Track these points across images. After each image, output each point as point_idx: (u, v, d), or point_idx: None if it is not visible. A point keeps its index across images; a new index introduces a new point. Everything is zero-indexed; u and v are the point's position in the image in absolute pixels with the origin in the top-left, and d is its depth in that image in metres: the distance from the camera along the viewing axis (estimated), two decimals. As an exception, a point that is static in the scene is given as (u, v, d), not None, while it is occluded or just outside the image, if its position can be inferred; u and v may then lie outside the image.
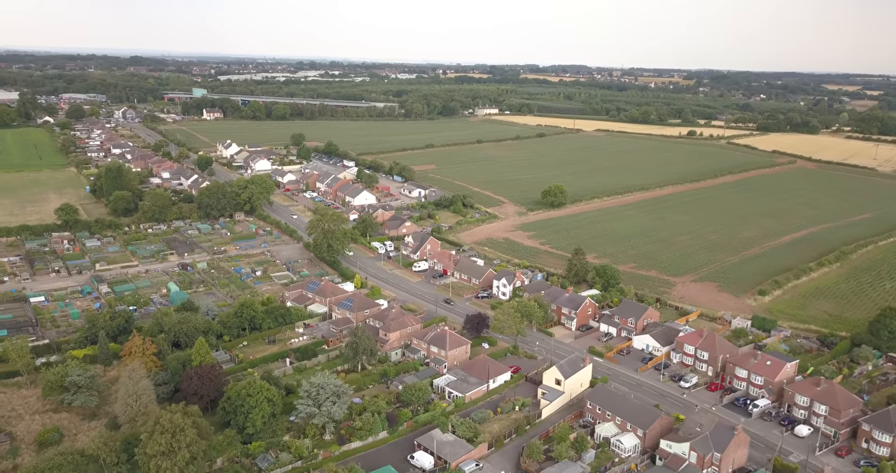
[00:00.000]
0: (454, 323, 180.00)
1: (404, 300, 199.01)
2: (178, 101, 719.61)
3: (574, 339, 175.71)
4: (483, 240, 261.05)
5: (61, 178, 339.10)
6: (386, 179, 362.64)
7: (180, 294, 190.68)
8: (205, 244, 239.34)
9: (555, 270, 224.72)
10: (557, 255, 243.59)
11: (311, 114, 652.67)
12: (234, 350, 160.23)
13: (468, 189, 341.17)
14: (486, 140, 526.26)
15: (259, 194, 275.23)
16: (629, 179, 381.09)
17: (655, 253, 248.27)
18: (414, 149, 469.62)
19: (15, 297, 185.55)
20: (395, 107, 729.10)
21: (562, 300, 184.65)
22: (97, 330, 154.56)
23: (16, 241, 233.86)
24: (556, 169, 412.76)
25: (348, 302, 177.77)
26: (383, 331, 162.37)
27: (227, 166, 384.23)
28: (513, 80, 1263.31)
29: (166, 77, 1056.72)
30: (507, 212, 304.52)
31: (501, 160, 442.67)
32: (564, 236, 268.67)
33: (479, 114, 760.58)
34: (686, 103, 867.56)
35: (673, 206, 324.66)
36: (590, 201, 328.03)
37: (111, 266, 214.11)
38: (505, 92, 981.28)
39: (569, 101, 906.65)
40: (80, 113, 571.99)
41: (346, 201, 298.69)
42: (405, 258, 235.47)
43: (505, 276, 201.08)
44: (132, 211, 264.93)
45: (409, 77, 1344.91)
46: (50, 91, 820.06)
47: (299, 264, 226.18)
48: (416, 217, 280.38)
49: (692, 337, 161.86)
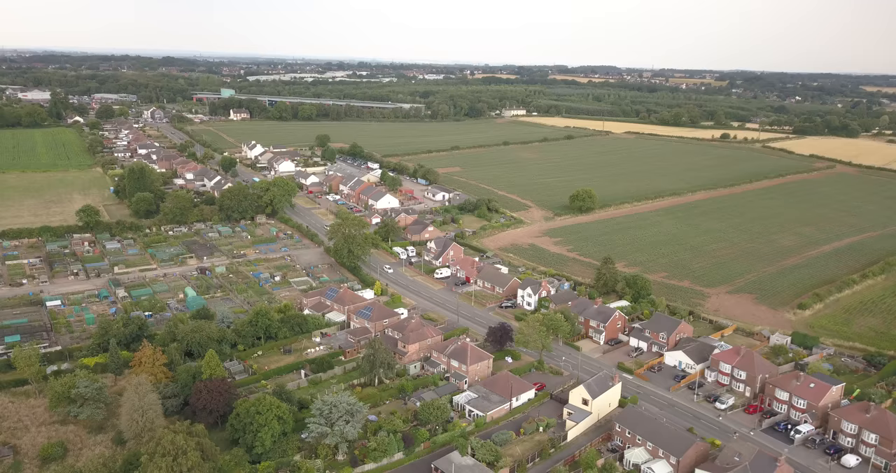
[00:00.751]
0: (476, 335, 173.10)
1: (425, 308, 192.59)
2: (206, 102, 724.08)
3: (602, 354, 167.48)
4: (508, 246, 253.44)
5: (87, 179, 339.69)
6: (410, 182, 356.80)
7: (197, 299, 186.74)
8: (224, 247, 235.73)
9: (582, 279, 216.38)
10: (585, 263, 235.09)
11: (336, 115, 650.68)
12: (249, 360, 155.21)
13: (493, 192, 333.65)
14: (512, 142, 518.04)
15: (281, 197, 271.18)
16: (660, 184, 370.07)
17: (688, 262, 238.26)
18: (439, 151, 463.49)
19: (32, 301, 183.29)
20: (422, 108, 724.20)
21: (590, 312, 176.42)
22: (109, 337, 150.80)
23: (37, 243, 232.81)
24: (584, 172, 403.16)
25: (367, 310, 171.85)
26: (402, 343, 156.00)
27: (252, 167, 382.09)
28: (541, 81, 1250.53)
29: (196, 77, 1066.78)
30: (533, 216, 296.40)
31: (528, 163, 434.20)
32: (592, 243, 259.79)
33: (507, 116, 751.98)
34: (718, 105, 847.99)
35: (706, 212, 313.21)
36: (619, 206, 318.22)
37: (130, 269, 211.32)
38: (533, 93, 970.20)
39: (598, 103, 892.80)
40: (109, 113, 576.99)
41: (369, 204, 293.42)
42: (427, 264, 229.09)
43: (530, 286, 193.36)
44: (154, 212, 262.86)
45: (436, 78, 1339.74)
46: (83, 91, 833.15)
47: (319, 269, 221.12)
48: (439, 221, 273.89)
49: (729, 355, 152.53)
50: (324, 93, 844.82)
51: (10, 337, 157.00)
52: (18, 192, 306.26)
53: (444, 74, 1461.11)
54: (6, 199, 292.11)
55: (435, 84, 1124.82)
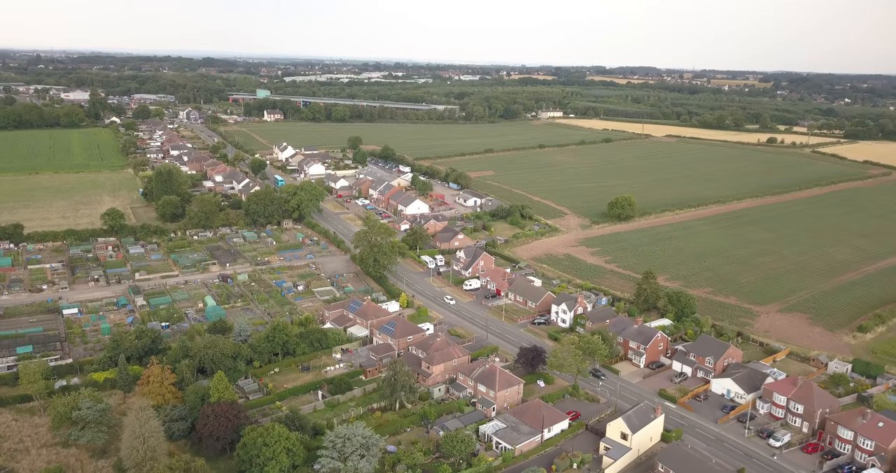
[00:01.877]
0: (506, 354, 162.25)
1: (452, 323, 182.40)
2: (241, 102, 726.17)
3: (642, 378, 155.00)
4: (542, 256, 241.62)
5: (118, 180, 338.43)
6: (441, 186, 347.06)
7: (216, 309, 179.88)
8: (248, 253, 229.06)
9: (621, 294, 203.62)
10: (624, 276, 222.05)
11: (370, 117, 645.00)
12: (265, 377, 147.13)
13: (528, 198, 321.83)
14: (548, 145, 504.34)
15: (308, 201, 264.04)
16: (703, 190, 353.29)
17: (734, 277, 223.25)
18: (472, 154, 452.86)
19: (49, 308, 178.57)
20: (456, 109, 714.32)
21: (629, 332, 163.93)
22: (121, 351, 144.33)
23: (62, 246, 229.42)
24: (623, 177, 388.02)
25: (390, 326, 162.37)
26: (426, 363, 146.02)
27: (282, 169, 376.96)
28: (578, 82, 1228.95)
29: (233, 78, 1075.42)
30: (569, 224, 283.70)
31: (564, 167, 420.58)
32: (632, 254, 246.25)
33: (542, 118, 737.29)
34: (763, 107, 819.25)
35: (753, 222, 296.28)
36: (660, 214, 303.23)
37: (151, 275, 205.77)
38: (570, 94, 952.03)
39: (637, 105, 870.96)
40: (145, 113, 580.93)
41: (398, 210, 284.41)
42: (456, 274, 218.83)
43: (565, 301, 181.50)
44: (180, 216, 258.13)
45: (472, 78, 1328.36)
46: (123, 91, 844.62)
47: (344, 278, 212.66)
48: (469, 229, 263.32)
49: (784, 385, 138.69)
50: (358, 94, 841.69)
51: (23, 348, 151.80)
52: (49, 193, 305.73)
53: (479, 75, 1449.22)
54: (36, 200, 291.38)
55: (470, 85, 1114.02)
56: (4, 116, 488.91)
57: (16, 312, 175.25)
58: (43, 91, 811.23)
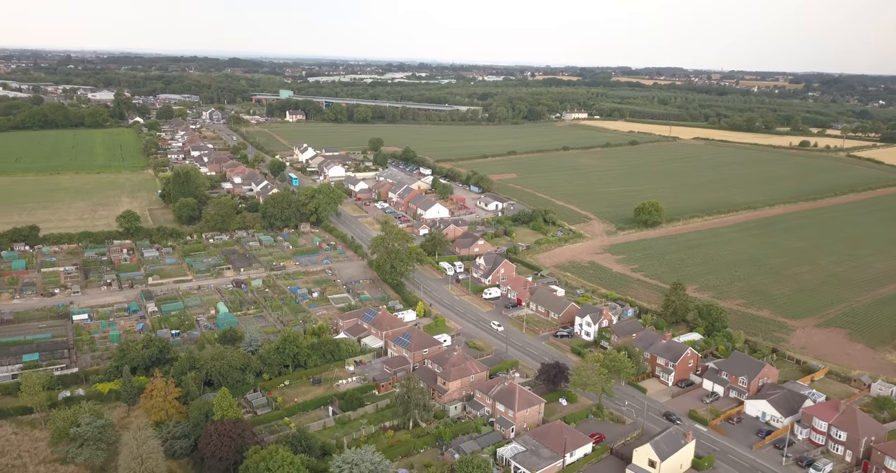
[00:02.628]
0: (527, 369, 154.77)
1: (470, 334, 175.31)
2: (264, 103, 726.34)
3: (671, 398, 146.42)
4: (565, 264, 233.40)
5: (137, 181, 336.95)
6: (462, 189, 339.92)
7: (228, 316, 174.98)
8: (264, 258, 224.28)
9: (648, 305, 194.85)
10: (651, 285, 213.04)
11: (392, 118, 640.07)
12: (275, 390, 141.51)
13: (551, 202, 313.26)
14: (573, 147, 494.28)
15: (326, 205, 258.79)
16: (733, 196, 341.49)
17: (768, 288, 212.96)
18: (495, 156, 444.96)
19: (59, 313, 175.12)
20: (479, 110, 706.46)
21: (657, 348, 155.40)
22: (127, 361, 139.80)
23: (77, 249, 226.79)
24: (649, 181, 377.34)
25: (406, 337, 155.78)
26: (442, 379, 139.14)
27: (302, 171, 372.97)
28: (603, 83, 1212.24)
29: (258, 78, 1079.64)
30: (593, 230, 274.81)
31: (589, 170, 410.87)
32: (659, 262, 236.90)
33: (567, 119, 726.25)
34: (795, 109, 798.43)
35: (786, 229, 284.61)
36: (688, 220, 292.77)
37: (164, 280, 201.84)
38: (595, 95, 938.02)
39: (663, 106, 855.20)
40: (169, 113, 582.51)
41: (418, 214, 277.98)
42: (475, 282, 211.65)
43: (590, 313, 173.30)
44: (196, 218, 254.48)
45: (495, 79, 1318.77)
46: (148, 91, 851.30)
47: (360, 285, 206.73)
48: (490, 234, 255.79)
49: (824, 410, 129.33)
50: (381, 95, 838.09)
51: (29, 356, 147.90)
52: (69, 194, 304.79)
53: (503, 75, 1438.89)
54: (56, 201, 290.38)
55: (494, 85, 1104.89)
56: (31, 116, 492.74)
57: (26, 317, 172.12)
58: (71, 91, 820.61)
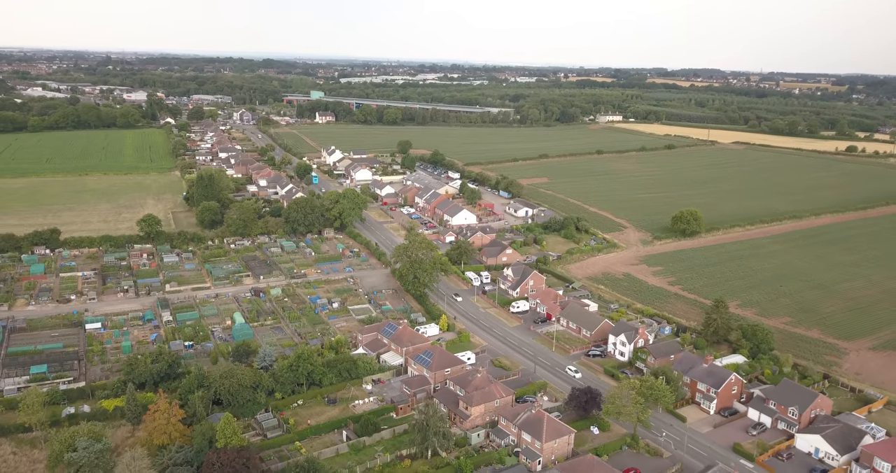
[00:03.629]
0: (556, 392, 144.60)
1: (496, 351, 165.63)
2: (295, 104, 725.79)
3: (713, 428, 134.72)
4: (598, 275, 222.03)
5: (164, 183, 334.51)
6: (491, 194, 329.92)
7: (244, 328, 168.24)
8: (285, 265, 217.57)
9: (687, 322, 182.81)
10: (690, 301, 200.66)
11: (422, 120, 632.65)
12: (287, 410, 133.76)
13: (584, 209, 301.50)
14: (607, 151, 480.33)
15: (350, 210, 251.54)
16: (776, 204, 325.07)
17: (816, 305, 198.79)
18: (526, 160, 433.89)
19: (73, 321, 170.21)
20: (510, 112, 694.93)
21: (698, 372, 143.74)
22: (135, 376, 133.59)
23: (97, 253, 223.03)
24: (687, 188, 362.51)
25: (427, 355, 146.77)
26: (464, 403, 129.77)
27: (329, 174, 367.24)
28: (638, 85, 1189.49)
29: (290, 79, 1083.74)
30: (628, 239, 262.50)
31: (624, 175, 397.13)
32: (698, 275, 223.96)
33: (601, 122, 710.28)
34: (839, 112, 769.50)
35: (834, 241, 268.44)
36: (729, 230, 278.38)
37: (182, 287, 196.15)
38: (630, 97, 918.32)
39: (701, 109, 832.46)
40: (200, 114, 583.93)
41: (444, 220, 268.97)
42: (502, 293, 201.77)
43: (624, 332, 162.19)
44: (219, 223, 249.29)
45: (528, 80, 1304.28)
46: (182, 92, 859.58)
47: (382, 295, 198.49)
48: (519, 242, 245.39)
49: (888, 449, 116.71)
50: (412, 96, 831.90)
51: (37, 367, 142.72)
52: (95, 196, 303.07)
53: (536, 77, 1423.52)
54: (81, 203, 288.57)
55: (526, 87, 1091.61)
56: (64, 116, 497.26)
57: (39, 325, 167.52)
58: (107, 91, 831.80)
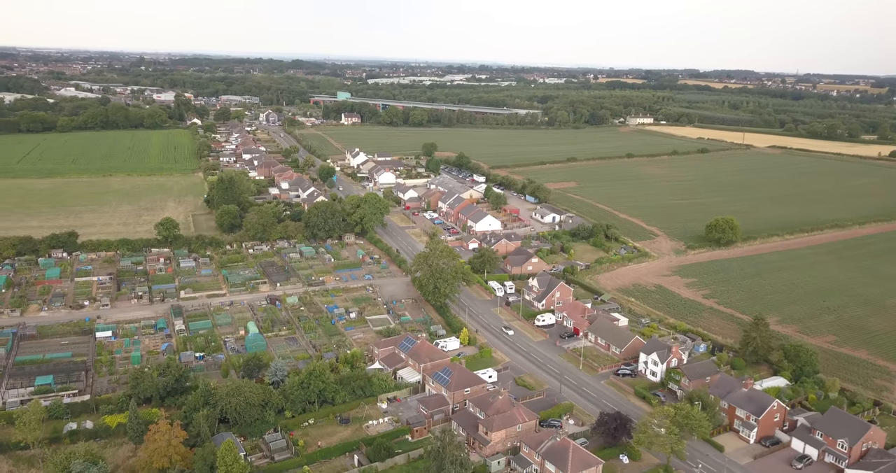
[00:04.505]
0: (583, 415, 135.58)
1: (519, 368, 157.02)
2: (321, 105, 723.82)
3: (753, 459, 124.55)
4: (628, 287, 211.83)
5: (186, 184, 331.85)
6: (517, 199, 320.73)
7: (257, 338, 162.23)
8: (303, 272, 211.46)
9: (723, 340, 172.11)
10: (726, 315, 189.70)
11: (448, 121, 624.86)
12: (297, 430, 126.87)
13: (613, 215, 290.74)
14: (637, 154, 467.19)
15: (372, 215, 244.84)
16: (816, 212, 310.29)
17: (863, 323, 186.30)
18: (553, 163, 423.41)
19: (84, 329, 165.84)
20: (538, 114, 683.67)
21: (737, 397, 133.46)
22: (140, 390, 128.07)
23: (114, 257, 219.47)
24: (722, 194, 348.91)
25: (446, 373, 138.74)
26: (484, 428, 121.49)
27: (352, 177, 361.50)
28: (670, 86, 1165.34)
29: (318, 80, 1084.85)
30: (660, 248, 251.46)
31: (655, 180, 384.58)
32: (735, 287, 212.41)
33: (631, 124, 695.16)
34: (880, 115, 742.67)
35: (881, 252, 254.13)
36: (766, 239, 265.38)
37: (197, 294, 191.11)
38: (661, 99, 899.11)
39: (735, 111, 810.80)
40: (226, 115, 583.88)
41: (468, 226, 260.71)
42: (527, 305, 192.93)
43: (656, 351, 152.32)
44: (238, 227, 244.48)
45: (557, 81, 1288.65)
46: (211, 92, 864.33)
47: (402, 305, 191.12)
48: (545, 250, 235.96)
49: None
50: (439, 98, 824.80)
51: (43, 378, 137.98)
52: (118, 197, 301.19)
53: (565, 78, 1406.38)
54: (103, 205, 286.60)
55: (555, 88, 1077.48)
56: (93, 117, 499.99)
57: (49, 332, 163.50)
58: (138, 91, 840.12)
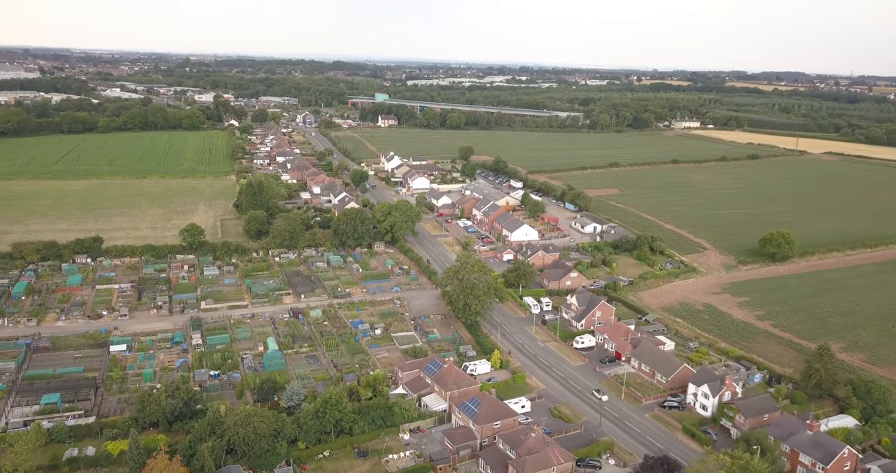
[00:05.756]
0: (624, 454, 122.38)
1: (555, 397, 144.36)
2: (359, 106, 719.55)
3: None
4: (675, 306, 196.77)
5: (218, 188, 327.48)
6: (555, 206, 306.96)
7: (276, 355, 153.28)
8: (329, 282, 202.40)
9: (780, 369, 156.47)
10: (783, 340, 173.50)
11: (486, 124, 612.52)
12: (311, 462, 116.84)
13: (658, 226, 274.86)
14: (683, 160, 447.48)
15: (403, 223, 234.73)
16: (880, 225, 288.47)
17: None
18: (595, 168, 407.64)
19: (99, 341, 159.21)
20: (580, 117, 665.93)
21: (801, 441, 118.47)
22: (146, 414, 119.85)
23: (138, 263, 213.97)
24: (775, 204, 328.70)
25: (474, 404, 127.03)
26: (514, 469, 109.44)
27: (385, 181, 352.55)
28: (717, 88, 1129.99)
29: (357, 81, 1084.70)
30: (709, 263, 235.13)
31: (703, 188, 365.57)
32: (792, 308, 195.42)
33: (677, 128, 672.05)
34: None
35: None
36: (826, 255, 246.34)
37: (218, 304, 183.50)
38: (707, 101, 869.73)
39: (786, 115, 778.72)
40: (264, 116, 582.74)
41: (503, 235, 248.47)
42: (565, 324, 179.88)
43: (708, 382, 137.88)
44: (266, 233, 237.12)
45: (599, 83, 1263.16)
46: (252, 94, 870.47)
47: (430, 321, 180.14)
48: (585, 263, 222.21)
49: None
50: (477, 100, 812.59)
51: (49, 397, 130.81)
52: (149, 200, 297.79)
53: (608, 80, 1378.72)
54: (133, 208, 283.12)
55: (597, 90, 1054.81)
56: (132, 117, 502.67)
57: (63, 344, 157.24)
58: (181, 92, 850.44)
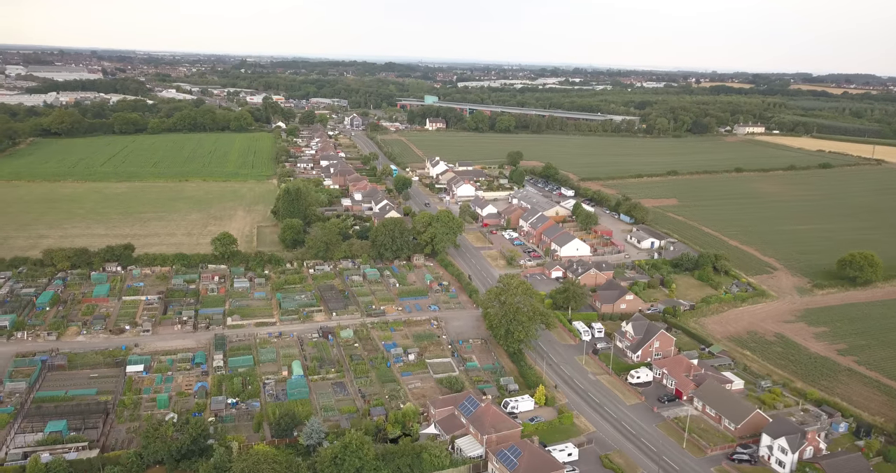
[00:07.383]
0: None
1: (606, 442, 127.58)
2: (408, 108, 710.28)
3: None
4: (742, 335, 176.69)
5: (259, 192, 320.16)
6: (609, 217, 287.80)
7: (300, 383, 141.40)
8: (364, 298, 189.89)
9: (870, 417, 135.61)
10: (869, 380, 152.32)
11: (537, 128, 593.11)
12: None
13: (721, 241, 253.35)
14: (747, 168, 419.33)
15: (444, 235, 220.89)
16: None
17: None
18: (651, 177, 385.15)
19: (117, 360, 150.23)
20: (635, 121, 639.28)
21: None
22: (150, 452, 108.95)
23: (168, 273, 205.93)
24: (852, 218, 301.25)
25: (513, 452, 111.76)
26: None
27: (430, 187, 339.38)
28: (781, 91, 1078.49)
29: (407, 83, 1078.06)
30: (780, 285, 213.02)
31: (770, 199, 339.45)
32: (879, 341, 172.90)
33: (739, 133, 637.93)
34: None
35: None
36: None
37: (245, 321, 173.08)
38: (771, 105, 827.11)
39: (858, 120, 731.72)
40: (311, 118, 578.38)
41: (552, 250, 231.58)
42: (619, 355, 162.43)
43: (786, 435, 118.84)
44: (301, 243, 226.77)
45: (656, 86, 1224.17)
46: (302, 95, 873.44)
47: (469, 346, 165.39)
48: (642, 284, 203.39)
49: None
50: (529, 102, 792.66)
51: (55, 424, 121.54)
52: (189, 204, 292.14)
53: (665, 82, 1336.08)
54: (172, 212, 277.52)
55: (654, 93, 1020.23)
56: (182, 119, 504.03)
57: (80, 362, 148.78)
58: (234, 94, 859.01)
